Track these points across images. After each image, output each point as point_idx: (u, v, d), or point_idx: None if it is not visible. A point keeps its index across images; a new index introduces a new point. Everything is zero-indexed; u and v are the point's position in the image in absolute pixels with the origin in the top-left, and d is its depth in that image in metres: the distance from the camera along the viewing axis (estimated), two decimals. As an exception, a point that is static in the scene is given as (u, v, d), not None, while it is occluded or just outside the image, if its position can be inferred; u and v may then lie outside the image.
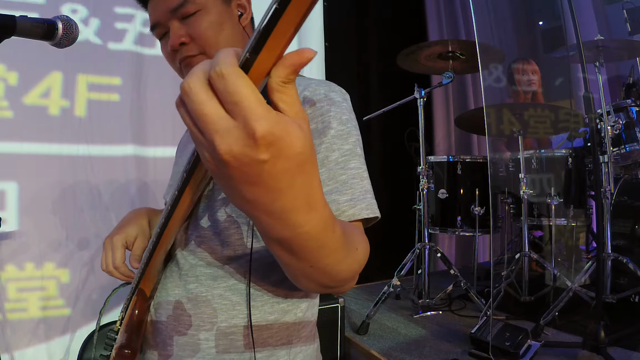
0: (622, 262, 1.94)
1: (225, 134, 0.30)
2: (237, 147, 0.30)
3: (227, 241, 0.67)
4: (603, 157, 2.06)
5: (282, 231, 0.37)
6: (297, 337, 0.75)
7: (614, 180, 2.13)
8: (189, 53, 0.74)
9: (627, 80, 2.44)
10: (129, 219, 0.83)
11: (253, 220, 0.38)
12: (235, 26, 0.77)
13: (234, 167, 0.31)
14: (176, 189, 0.54)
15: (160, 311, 0.72)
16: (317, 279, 0.47)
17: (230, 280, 0.68)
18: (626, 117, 2.15)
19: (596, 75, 2.21)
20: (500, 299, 2.03)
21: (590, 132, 2.16)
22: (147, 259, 0.66)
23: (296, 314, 0.74)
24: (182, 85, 0.31)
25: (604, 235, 1.98)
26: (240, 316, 0.68)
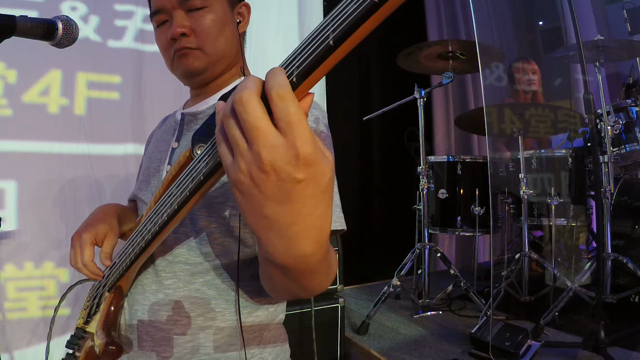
0: (622, 262, 1.94)
1: (272, 149, 0.32)
2: (281, 162, 0.33)
3: (205, 239, 0.71)
4: (603, 157, 2.06)
5: (286, 258, 0.38)
6: (268, 337, 0.78)
7: (614, 180, 2.13)
8: (188, 45, 0.75)
9: (627, 80, 2.44)
10: (98, 216, 0.83)
11: (260, 241, 0.39)
12: (234, 31, 0.80)
13: (270, 181, 0.33)
14: (176, 203, 0.54)
15: (137, 307, 0.73)
16: (297, 294, 0.51)
17: (207, 276, 0.71)
18: (626, 117, 2.15)
19: (596, 75, 2.21)
20: (500, 299, 2.03)
21: (590, 132, 2.16)
22: (132, 260, 0.67)
23: (268, 308, 0.77)
24: (239, 98, 0.33)
25: (604, 235, 1.98)
26: (217, 310, 0.71)
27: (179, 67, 0.78)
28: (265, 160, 0.33)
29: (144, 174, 0.86)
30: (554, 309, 1.86)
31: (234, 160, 0.35)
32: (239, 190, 0.36)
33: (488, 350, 1.61)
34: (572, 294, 1.88)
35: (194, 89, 0.86)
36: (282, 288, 0.51)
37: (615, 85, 2.85)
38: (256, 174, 0.34)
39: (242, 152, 0.34)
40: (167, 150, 0.82)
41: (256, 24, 2.62)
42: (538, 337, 1.76)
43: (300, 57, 0.34)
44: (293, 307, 1.71)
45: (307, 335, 1.69)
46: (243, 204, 0.37)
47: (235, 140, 0.34)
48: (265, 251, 0.39)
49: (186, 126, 0.82)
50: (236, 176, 0.35)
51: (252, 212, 0.36)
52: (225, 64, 0.81)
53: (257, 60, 2.62)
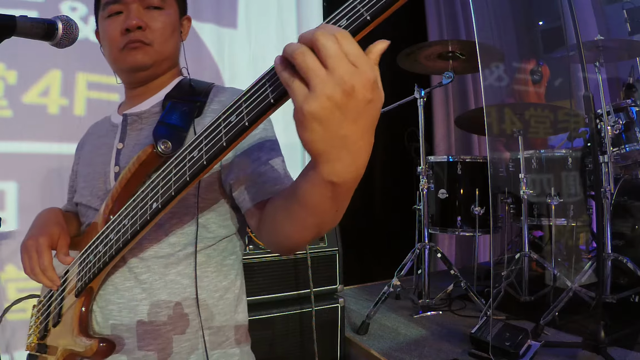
0: (622, 262, 1.94)
1: (353, 74, 0.40)
2: (359, 85, 0.40)
3: (171, 230, 0.74)
4: (603, 157, 2.06)
5: (349, 172, 0.44)
6: (238, 337, 0.82)
7: (614, 180, 2.13)
8: (143, 39, 0.78)
9: (627, 80, 2.44)
10: (46, 219, 0.82)
11: (328, 162, 0.44)
12: (179, 38, 0.87)
13: (350, 102, 0.40)
14: (160, 203, 0.60)
15: (111, 307, 0.74)
16: (321, 229, 0.55)
17: (179, 266, 0.75)
18: (626, 117, 2.15)
19: (596, 75, 2.21)
20: (500, 299, 2.03)
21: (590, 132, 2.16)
22: (107, 261, 0.68)
23: (235, 291, 0.82)
24: (341, 33, 0.41)
25: (604, 235, 1.98)
26: (192, 297, 0.75)
27: (127, 59, 0.79)
28: (348, 83, 0.40)
29: (86, 180, 0.85)
30: (554, 309, 1.85)
31: (313, 90, 0.40)
32: (316, 118, 0.41)
33: (488, 350, 1.61)
34: (572, 294, 1.88)
35: (132, 89, 0.88)
36: (316, 221, 0.53)
37: (615, 85, 2.85)
38: (339, 96, 0.40)
39: (324, 80, 0.40)
40: (109, 152, 0.82)
41: (255, 25, 2.63)
42: (538, 337, 1.75)
43: (358, 17, 0.43)
44: (293, 307, 1.71)
45: (307, 335, 1.69)
46: (319, 129, 0.41)
47: (315, 70, 0.40)
48: (329, 171, 0.44)
49: (130, 126, 0.83)
50: (317, 105, 0.40)
51: (329, 134, 0.42)
52: (168, 66, 0.85)
53: (256, 61, 2.63)
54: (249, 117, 0.49)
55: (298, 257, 1.73)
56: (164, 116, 0.76)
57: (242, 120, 0.50)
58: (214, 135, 0.54)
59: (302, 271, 1.72)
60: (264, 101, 0.47)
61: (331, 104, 0.40)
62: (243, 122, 0.50)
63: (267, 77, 0.48)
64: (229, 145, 0.52)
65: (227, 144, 0.52)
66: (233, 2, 2.57)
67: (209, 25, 2.45)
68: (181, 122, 0.75)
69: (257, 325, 1.63)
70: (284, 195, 0.60)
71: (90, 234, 0.76)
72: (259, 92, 0.49)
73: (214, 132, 0.54)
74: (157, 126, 0.73)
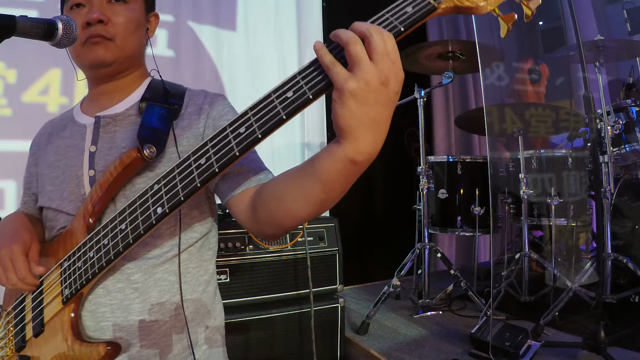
0: (622, 262, 1.94)
1: (390, 69, 0.49)
2: (393, 79, 0.50)
3: (158, 234, 0.76)
4: (603, 157, 2.06)
5: (371, 151, 0.52)
6: (217, 320, 0.86)
7: (614, 180, 2.13)
8: (104, 34, 0.76)
9: (627, 80, 2.44)
10: (16, 226, 0.80)
11: (355, 140, 0.50)
12: (144, 35, 0.85)
13: (384, 90, 0.49)
14: (167, 207, 0.63)
15: (103, 309, 0.74)
16: (323, 208, 0.60)
17: (166, 264, 0.77)
18: (626, 117, 2.15)
19: (596, 75, 2.21)
20: (500, 299, 2.03)
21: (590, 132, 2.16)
22: (102, 267, 0.68)
23: (214, 284, 0.86)
24: (389, 36, 0.50)
25: (604, 235, 1.98)
26: (178, 293, 0.78)
27: (89, 54, 0.77)
28: (386, 75, 0.49)
29: (53, 184, 0.82)
30: (554, 309, 1.85)
31: (354, 74, 0.48)
32: (354, 96, 0.48)
33: (488, 350, 1.61)
34: (572, 294, 1.88)
35: (96, 86, 0.86)
36: (328, 197, 0.58)
37: (615, 85, 2.85)
38: (376, 83, 0.48)
39: (367, 68, 0.48)
40: (79, 155, 0.80)
41: (254, 27, 2.62)
42: (538, 337, 1.75)
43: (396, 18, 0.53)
44: (293, 307, 1.71)
45: (306, 335, 1.68)
46: (354, 106, 0.49)
47: (362, 58, 0.48)
48: (353, 149, 0.51)
49: (103, 129, 0.81)
50: (357, 86, 0.48)
51: (361, 112, 0.49)
52: (131, 63, 0.83)
53: (255, 61, 2.63)
54: (285, 112, 0.54)
55: (298, 257, 1.73)
56: (145, 119, 0.76)
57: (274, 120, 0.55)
58: (224, 143, 0.58)
59: (302, 271, 1.72)
60: (303, 96, 0.53)
61: (368, 88, 0.48)
62: (278, 117, 0.55)
63: (301, 77, 0.54)
64: (241, 154, 0.57)
65: (239, 153, 0.57)
66: (232, 4, 2.57)
67: (208, 28, 2.45)
68: (161, 125, 0.77)
69: (257, 325, 1.63)
70: (293, 174, 0.62)
71: (66, 239, 0.76)
72: (294, 91, 0.54)
73: (224, 141, 0.58)
74: (140, 130, 0.74)
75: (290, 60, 2.72)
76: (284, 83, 0.55)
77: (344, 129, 0.50)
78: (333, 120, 0.51)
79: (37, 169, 0.89)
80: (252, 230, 0.74)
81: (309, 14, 2.81)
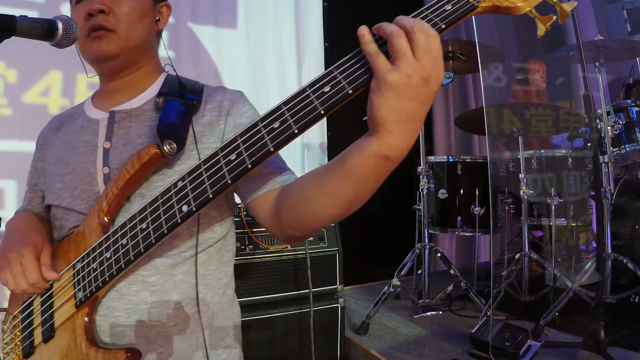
0: (622, 262, 1.94)
1: (433, 68, 0.48)
2: (434, 77, 0.49)
3: (177, 233, 0.71)
4: (603, 157, 2.06)
5: (403, 148, 0.51)
6: (234, 324, 0.83)
7: (614, 180, 2.13)
8: (104, 23, 0.72)
9: (627, 80, 2.44)
10: (26, 228, 0.77)
11: (389, 134, 0.50)
12: (152, 25, 0.80)
13: (424, 87, 0.48)
14: (194, 205, 0.60)
15: (117, 313, 0.70)
16: (351, 208, 0.58)
17: (185, 265, 0.74)
18: (626, 117, 2.15)
19: (596, 75, 2.21)
20: (500, 299, 2.03)
21: (590, 132, 2.16)
22: (121, 268, 0.65)
23: (232, 287, 0.83)
24: (433, 33, 0.49)
25: (604, 235, 1.98)
26: (200, 294, 0.75)
27: (91, 48, 0.74)
28: (429, 72, 0.48)
29: (63, 181, 0.78)
30: (554, 309, 1.85)
31: (397, 67, 0.47)
32: (394, 88, 0.47)
33: (488, 350, 1.61)
34: (572, 294, 1.88)
35: (108, 82, 0.82)
36: (358, 196, 0.56)
37: (615, 85, 2.85)
38: (417, 79, 0.47)
39: (410, 62, 0.47)
40: (92, 151, 0.76)
41: (254, 26, 2.63)
42: (538, 337, 1.75)
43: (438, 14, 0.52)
44: (292, 307, 1.71)
45: (306, 335, 1.69)
46: (393, 98, 0.48)
47: (406, 52, 0.47)
48: (387, 144, 0.50)
49: (117, 124, 0.77)
50: (398, 78, 0.47)
51: (399, 106, 0.48)
52: (138, 56, 0.79)
53: (254, 64, 2.63)
54: (323, 107, 0.52)
55: (298, 257, 1.73)
56: (163, 115, 0.73)
57: (312, 113, 0.53)
58: (257, 138, 0.56)
59: (302, 271, 1.72)
60: (341, 91, 0.51)
61: (409, 82, 0.47)
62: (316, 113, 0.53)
63: (339, 71, 0.52)
64: (276, 150, 0.55)
65: (274, 149, 0.55)
66: (232, 3, 2.57)
67: (207, 27, 2.46)
68: (180, 121, 0.73)
69: (257, 325, 1.63)
70: (321, 173, 0.59)
71: (78, 239, 0.72)
72: (332, 86, 0.52)
73: (256, 136, 0.56)
74: (159, 125, 0.71)
75: (290, 60, 2.72)
76: (319, 78, 0.53)
77: (379, 121, 0.49)
78: (368, 112, 0.49)
79: (43, 165, 0.85)
80: (275, 233, 0.70)
81: (309, 14, 2.81)
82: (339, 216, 0.60)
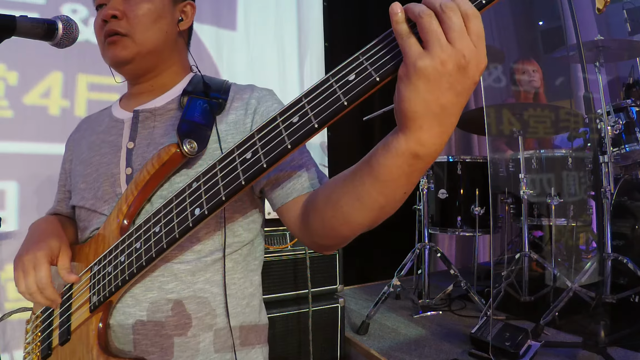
0: (622, 262, 1.94)
1: (472, 52, 0.41)
2: (473, 64, 0.41)
3: (196, 237, 0.69)
4: (603, 157, 2.06)
5: (435, 146, 0.44)
6: (261, 338, 0.80)
7: (614, 180, 2.13)
8: (117, 28, 0.72)
9: (627, 80, 2.43)
10: (44, 231, 0.75)
11: (419, 129, 0.43)
12: (172, 26, 0.78)
13: (461, 75, 0.41)
14: (207, 208, 0.56)
15: (131, 321, 0.68)
16: (383, 214, 0.53)
17: (207, 273, 0.70)
18: (626, 117, 2.15)
19: (596, 75, 2.21)
20: (500, 299, 2.03)
21: (590, 132, 2.16)
22: (133, 274, 0.63)
23: (259, 297, 0.79)
24: (471, 11, 0.41)
25: (604, 235, 1.98)
26: (222, 306, 0.71)
27: (107, 54, 0.74)
28: (467, 58, 0.41)
29: (86, 182, 0.77)
30: (554, 309, 1.85)
31: (430, 51, 0.41)
32: (425, 76, 0.41)
33: (488, 350, 1.61)
34: (572, 294, 1.88)
35: (134, 86, 0.82)
36: (388, 199, 0.51)
37: (616, 85, 2.85)
38: (452, 66, 0.40)
39: (443, 46, 0.40)
40: (116, 152, 0.76)
41: (254, 26, 2.63)
42: (538, 337, 1.75)
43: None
44: (292, 307, 1.71)
45: (306, 335, 1.69)
46: (424, 88, 0.41)
47: (437, 35, 0.41)
48: (417, 140, 0.44)
49: (141, 124, 0.76)
50: (430, 64, 0.40)
51: (431, 97, 0.42)
52: (157, 59, 0.77)
53: (255, 61, 2.63)
54: (347, 97, 0.46)
55: (298, 257, 1.73)
56: (186, 113, 0.70)
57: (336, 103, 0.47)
58: (274, 135, 0.51)
59: (302, 271, 1.72)
60: (368, 79, 0.45)
61: (442, 69, 0.41)
62: (339, 104, 0.46)
63: (365, 57, 0.46)
64: (294, 147, 0.50)
65: (292, 146, 0.49)
66: (232, 3, 2.57)
67: (208, 27, 2.46)
68: (204, 120, 0.70)
69: (257, 325, 1.63)
70: (347, 176, 0.54)
71: (98, 242, 0.71)
72: (357, 73, 0.45)
73: (274, 132, 0.51)
74: (181, 124, 0.68)
75: (291, 59, 2.72)
76: (344, 65, 0.47)
77: (408, 114, 0.43)
78: (396, 104, 0.44)
79: (70, 166, 0.85)
80: (305, 241, 0.65)
81: (310, 13, 2.81)
82: (370, 223, 0.54)
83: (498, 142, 2.72)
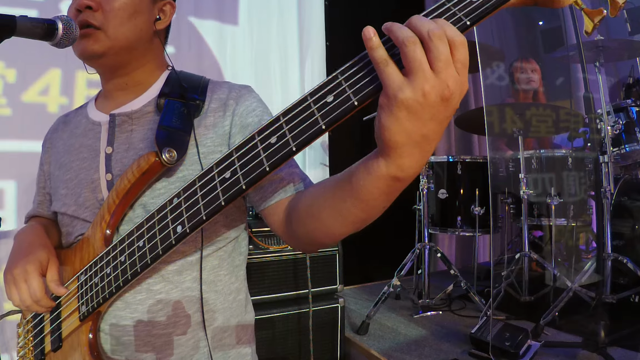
0: (622, 262, 1.94)
1: (456, 82, 0.40)
2: (456, 94, 0.40)
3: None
4: (603, 157, 2.06)
5: (415, 168, 0.45)
6: (248, 332, 0.82)
7: (614, 180, 2.13)
8: (90, 20, 0.69)
9: (627, 80, 2.44)
10: (31, 243, 0.75)
11: (400, 157, 0.43)
12: (148, 24, 0.75)
13: (443, 106, 0.40)
14: (188, 227, 0.57)
15: (124, 323, 0.68)
16: (363, 225, 0.55)
17: (194, 272, 0.71)
18: (626, 117, 2.15)
19: (596, 75, 2.21)
20: (500, 299, 2.03)
21: (590, 132, 2.16)
22: (119, 287, 0.64)
23: (244, 291, 0.81)
24: (459, 40, 0.40)
25: (604, 235, 1.98)
26: (210, 302, 0.72)
27: (77, 46, 0.71)
28: (451, 88, 0.39)
29: (67, 187, 0.76)
30: (554, 309, 1.85)
31: (412, 81, 0.39)
32: (406, 107, 0.40)
33: (488, 350, 1.61)
34: (572, 294, 1.88)
35: (107, 81, 0.79)
36: (365, 216, 0.52)
37: (615, 85, 2.85)
38: (435, 97, 0.39)
39: (427, 76, 0.39)
40: (94, 157, 0.75)
41: (257, 21, 2.62)
42: (538, 337, 1.75)
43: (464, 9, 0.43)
44: (292, 307, 1.71)
45: (306, 335, 1.69)
46: (406, 120, 0.41)
47: (423, 65, 0.39)
48: (398, 166, 0.44)
49: (119, 128, 0.74)
50: (412, 96, 0.39)
51: (413, 128, 0.41)
52: (130, 56, 0.74)
53: (257, 61, 2.63)
54: (325, 121, 0.45)
55: (298, 257, 1.73)
56: (163, 118, 0.69)
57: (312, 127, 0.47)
58: (252, 155, 0.51)
59: (302, 271, 1.72)
60: (346, 103, 0.44)
61: (425, 101, 0.39)
62: (316, 128, 0.46)
63: (344, 77, 0.44)
64: (272, 169, 0.50)
65: (270, 168, 0.49)
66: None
67: (210, 22, 2.45)
68: (182, 125, 0.69)
69: (257, 325, 1.61)
70: (328, 190, 0.55)
71: (83, 249, 0.72)
72: (335, 95, 0.44)
73: (252, 152, 0.51)
74: (159, 131, 0.67)
75: (292, 57, 2.72)
76: (324, 84, 0.46)
77: (389, 144, 0.42)
78: (376, 129, 0.43)
79: (49, 168, 0.84)
80: (290, 243, 0.68)
81: (311, 10, 2.81)
82: (351, 233, 0.56)
83: (498, 142, 2.72)
